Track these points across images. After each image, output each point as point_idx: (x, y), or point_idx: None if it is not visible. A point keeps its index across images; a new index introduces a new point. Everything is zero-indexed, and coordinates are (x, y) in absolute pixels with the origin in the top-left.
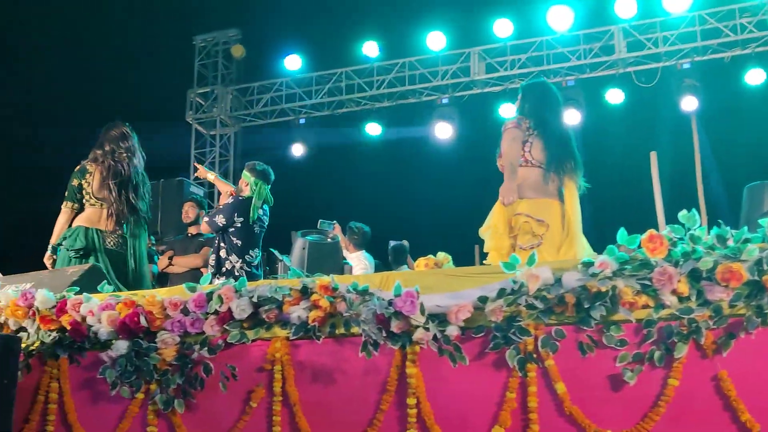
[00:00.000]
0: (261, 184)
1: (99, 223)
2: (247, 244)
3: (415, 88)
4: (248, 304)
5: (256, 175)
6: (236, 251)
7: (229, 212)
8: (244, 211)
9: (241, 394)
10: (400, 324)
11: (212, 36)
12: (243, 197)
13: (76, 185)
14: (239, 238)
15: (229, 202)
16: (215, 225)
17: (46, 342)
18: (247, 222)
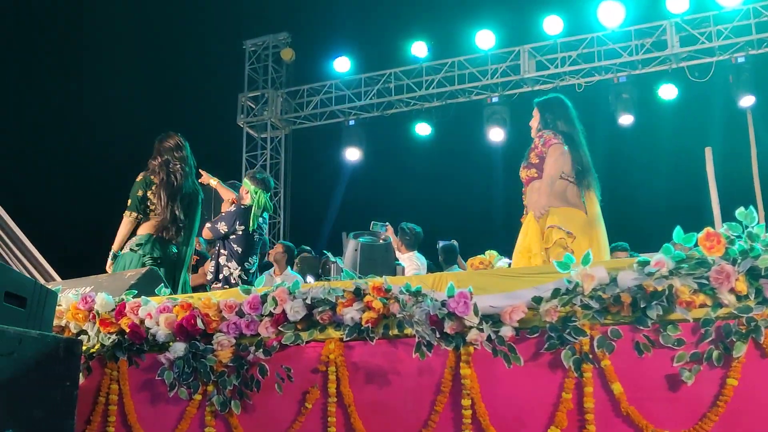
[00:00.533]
0: (261, 192)
1: (161, 232)
2: (247, 251)
3: (465, 87)
4: (302, 305)
5: (256, 184)
6: (236, 258)
7: (230, 220)
8: (245, 219)
9: (296, 395)
10: (453, 325)
11: (262, 40)
12: (244, 206)
13: (140, 196)
14: (239, 246)
15: (231, 210)
16: (217, 232)
17: (106, 344)
18: (248, 230)
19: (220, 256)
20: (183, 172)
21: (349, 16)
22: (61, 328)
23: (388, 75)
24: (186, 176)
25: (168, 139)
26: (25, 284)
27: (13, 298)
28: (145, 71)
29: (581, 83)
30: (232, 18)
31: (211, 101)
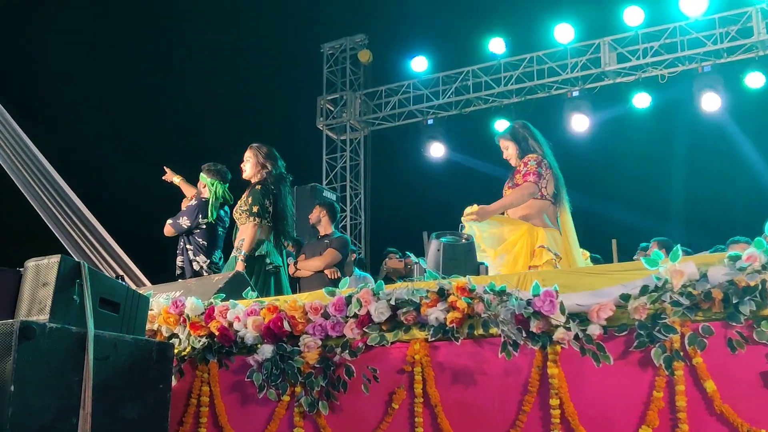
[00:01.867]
0: (217, 183)
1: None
2: (212, 244)
3: (544, 82)
4: (386, 306)
5: (212, 176)
6: (203, 251)
7: (192, 214)
8: (206, 211)
9: (382, 396)
10: (539, 324)
11: (339, 43)
12: (204, 199)
13: (264, 204)
14: (204, 239)
15: (191, 204)
16: (179, 227)
17: (197, 347)
18: (210, 222)
19: (187, 251)
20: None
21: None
22: (154, 332)
23: (465, 73)
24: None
25: (264, 148)
26: (118, 290)
27: (108, 304)
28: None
29: (664, 74)
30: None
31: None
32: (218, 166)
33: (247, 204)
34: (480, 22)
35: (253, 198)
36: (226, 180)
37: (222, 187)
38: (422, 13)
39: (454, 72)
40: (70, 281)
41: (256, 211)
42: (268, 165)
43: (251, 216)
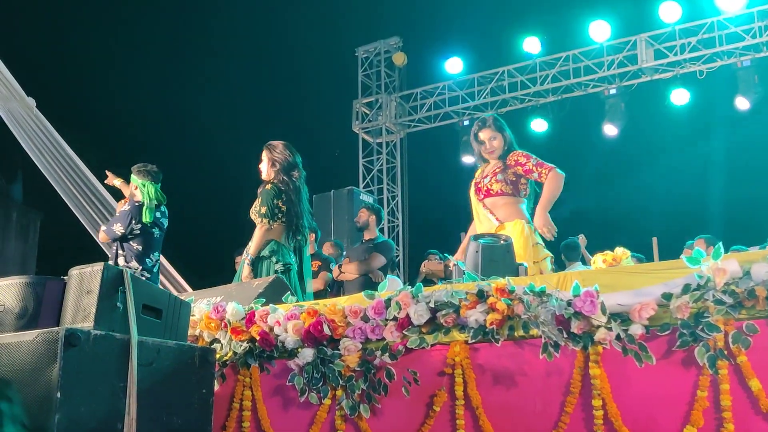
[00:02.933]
0: (148, 184)
1: (283, 238)
2: (147, 248)
3: (581, 80)
4: (425, 309)
5: (143, 177)
6: (137, 257)
7: (125, 219)
8: (140, 215)
9: (423, 399)
10: (580, 324)
11: (374, 46)
12: (138, 202)
13: (275, 204)
14: (139, 244)
15: (124, 209)
16: (113, 234)
17: (238, 352)
18: (145, 226)
19: (119, 257)
20: (300, 179)
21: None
22: (195, 337)
23: (501, 73)
24: (299, 181)
25: (280, 146)
26: (160, 297)
27: (150, 311)
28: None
29: (702, 69)
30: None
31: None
32: (149, 166)
33: (258, 206)
34: (514, 22)
35: (262, 199)
36: (158, 180)
37: (154, 188)
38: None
39: (490, 72)
40: (113, 289)
41: (264, 212)
42: (280, 161)
43: (260, 217)
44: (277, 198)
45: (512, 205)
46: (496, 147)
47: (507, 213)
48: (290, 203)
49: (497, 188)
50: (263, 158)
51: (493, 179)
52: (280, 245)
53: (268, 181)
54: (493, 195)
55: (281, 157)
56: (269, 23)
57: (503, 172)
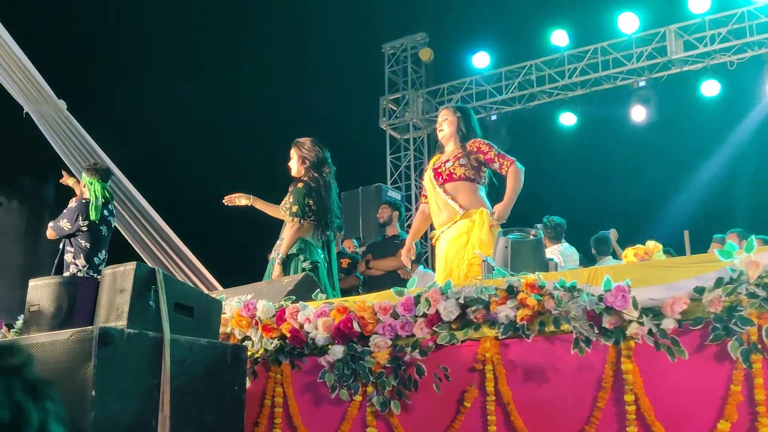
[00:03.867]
0: (95, 182)
1: (311, 236)
2: (95, 245)
3: (610, 73)
4: (455, 305)
5: (90, 175)
6: (84, 254)
7: (72, 216)
8: (86, 213)
9: (454, 395)
10: (612, 319)
11: (400, 42)
12: (85, 200)
13: (305, 202)
14: (86, 241)
15: (71, 206)
16: (60, 230)
17: (269, 349)
18: (92, 223)
19: (66, 253)
20: (330, 174)
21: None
22: (227, 335)
23: (528, 67)
24: (327, 178)
25: (308, 143)
26: (191, 295)
27: (182, 309)
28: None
29: (733, 60)
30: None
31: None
32: (98, 164)
33: (288, 203)
34: (542, 15)
35: (293, 197)
36: (106, 179)
37: (101, 186)
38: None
39: (517, 66)
40: (145, 287)
41: (295, 211)
42: (310, 158)
43: (291, 216)
44: (307, 196)
45: (474, 193)
46: (445, 129)
47: (470, 200)
48: (320, 200)
49: (460, 173)
50: (292, 155)
51: (456, 163)
52: (308, 243)
53: (299, 179)
54: (455, 180)
55: (311, 154)
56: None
57: (465, 157)
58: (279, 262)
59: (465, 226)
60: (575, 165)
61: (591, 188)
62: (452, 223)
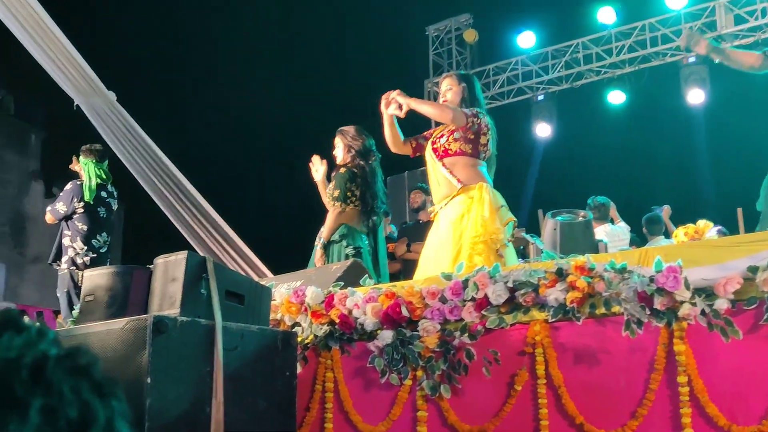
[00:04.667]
0: (89, 163)
1: (355, 222)
2: (93, 228)
3: (658, 50)
4: (504, 289)
5: (85, 156)
6: (81, 237)
7: (68, 198)
8: (82, 195)
9: (504, 378)
10: (663, 300)
11: (444, 24)
12: (80, 182)
13: (348, 187)
14: (84, 224)
15: (67, 189)
16: (57, 213)
17: (319, 335)
18: (89, 205)
19: (64, 236)
20: (375, 161)
21: None
22: (277, 321)
23: (575, 45)
24: (372, 164)
25: (352, 131)
26: (242, 282)
27: (233, 296)
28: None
29: None
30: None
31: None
32: (95, 146)
33: (331, 188)
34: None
35: (335, 183)
36: (102, 159)
37: (96, 167)
38: None
39: (563, 45)
40: (197, 276)
41: (337, 195)
42: (356, 146)
43: (332, 200)
44: (350, 182)
45: (472, 167)
46: (449, 99)
47: (468, 175)
48: (365, 186)
49: (456, 147)
50: (337, 144)
51: (450, 138)
52: (351, 229)
53: (342, 165)
54: (451, 155)
55: (356, 143)
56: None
57: (459, 130)
58: (320, 246)
59: (464, 203)
60: (625, 143)
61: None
62: (449, 199)
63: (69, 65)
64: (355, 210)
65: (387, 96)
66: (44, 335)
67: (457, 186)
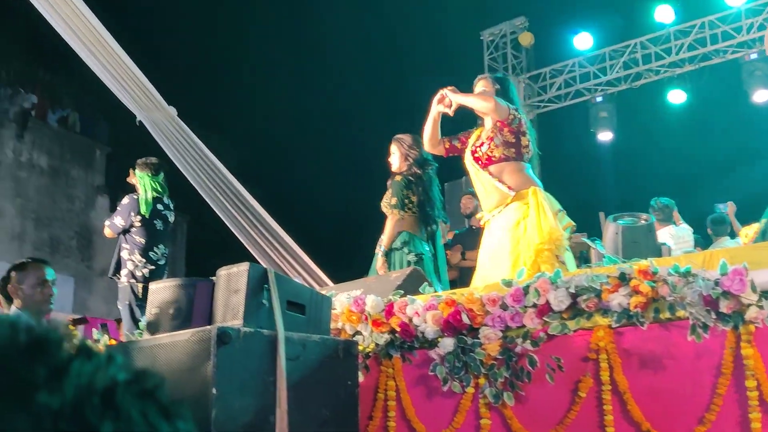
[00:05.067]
0: (144, 176)
1: (415, 229)
2: (150, 241)
3: (719, 47)
4: (566, 294)
5: (141, 169)
6: (139, 250)
7: (125, 212)
8: (138, 208)
9: (568, 385)
10: (729, 304)
11: (499, 28)
12: (137, 196)
13: (405, 195)
14: (141, 237)
15: (124, 203)
16: (116, 227)
17: (380, 343)
18: (145, 218)
19: (122, 250)
20: (432, 169)
21: None
22: (338, 330)
23: (633, 45)
24: (428, 171)
25: (408, 140)
26: (302, 292)
27: (294, 306)
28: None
29: None
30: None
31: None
32: (150, 159)
33: (388, 196)
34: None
35: (392, 190)
36: (158, 173)
37: (151, 180)
38: None
39: (621, 46)
40: (258, 287)
41: (394, 203)
42: (413, 155)
43: (390, 208)
44: (407, 189)
45: (520, 172)
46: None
47: (518, 181)
48: (423, 194)
49: (499, 153)
50: (393, 151)
51: (491, 144)
52: (412, 236)
53: (399, 173)
54: (495, 162)
55: (413, 152)
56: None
57: (498, 135)
58: (382, 254)
59: (520, 210)
60: (686, 142)
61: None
62: (503, 207)
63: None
64: (414, 217)
65: (441, 91)
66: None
67: (508, 193)
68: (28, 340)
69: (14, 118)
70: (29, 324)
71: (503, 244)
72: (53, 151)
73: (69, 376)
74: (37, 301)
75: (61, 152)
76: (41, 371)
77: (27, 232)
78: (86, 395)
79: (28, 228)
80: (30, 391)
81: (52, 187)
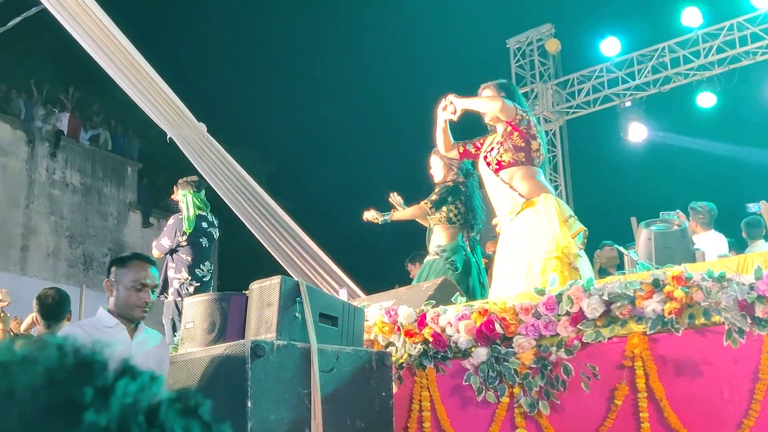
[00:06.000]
0: (188, 193)
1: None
2: (197, 258)
3: (748, 49)
4: (599, 302)
5: (183, 188)
6: (186, 267)
7: (171, 233)
8: (182, 227)
9: (604, 393)
10: (765, 308)
11: (525, 36)
12: (181, 216)
13: (451, 201)
14: (188, 255)
15: (170, 223)
16: (163, 248)
17: (413, 354)
18: (190, 237)
19: (168, 269)
20: (475, 178)
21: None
22: (371, 341)
23: (661, 49)
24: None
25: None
26: (335, 304)
27: (327, 319)
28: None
29: None
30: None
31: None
32: (191, 178)
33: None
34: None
35: (438, 198)
36: (199, 189)
37: (194, 197)
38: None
39: (649, 50)
40: (291, 300)
41: (435, 200)
42: (456, 165)
43: (431, 207)
44: (452, 195)
45: (531, 177)
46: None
47: (528, 187)
48: (468, 202)
49: (508, 158)
50: (434, 163)
51: (501, 149)
52: (457, 245)
53: (444, 182)
54: (505, 167)
55: (455, 161)
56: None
57: (508, 139)
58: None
59: (531, 217)
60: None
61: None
62: (515, 215)
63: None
64: (458, 226)
65: (445, 99)
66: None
67: (520, 200)
68: (75, 361)
69: (47, 137)
70: (76, 346)
71: (516, 252)
72: (85, 169)
73: (115, 395)
74: (131, 305)
75: (93, 170)
76: (88, 391)
77: (61, 249)
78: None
79: (63, 245)
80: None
81: (84, 204)
